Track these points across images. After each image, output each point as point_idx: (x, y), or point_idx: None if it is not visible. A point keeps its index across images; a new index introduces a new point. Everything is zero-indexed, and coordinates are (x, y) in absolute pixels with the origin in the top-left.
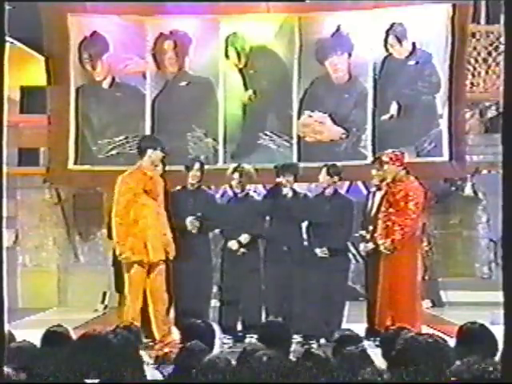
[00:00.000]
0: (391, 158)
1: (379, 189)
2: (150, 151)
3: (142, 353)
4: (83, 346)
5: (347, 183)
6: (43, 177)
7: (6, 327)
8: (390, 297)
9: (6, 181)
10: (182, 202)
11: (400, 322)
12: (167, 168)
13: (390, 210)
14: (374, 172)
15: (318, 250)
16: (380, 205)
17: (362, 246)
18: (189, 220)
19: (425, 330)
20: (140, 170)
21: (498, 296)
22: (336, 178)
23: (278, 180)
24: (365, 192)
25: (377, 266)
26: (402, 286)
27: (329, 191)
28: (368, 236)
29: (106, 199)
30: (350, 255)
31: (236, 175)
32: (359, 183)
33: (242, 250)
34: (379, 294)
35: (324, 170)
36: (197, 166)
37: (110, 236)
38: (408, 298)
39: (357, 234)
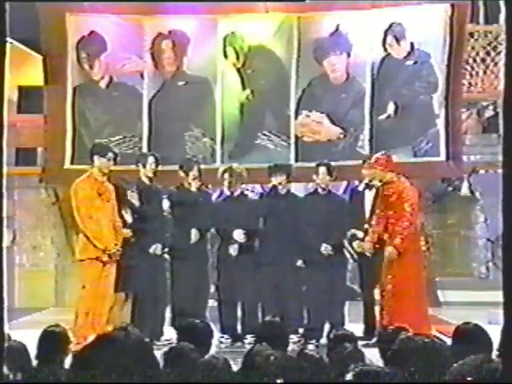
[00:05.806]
0: (376, 162)
1: (368, 187)
2: (95, 157)
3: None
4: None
5: (344, 183)
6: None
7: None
8: (395, 299)
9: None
10: (178, 202)
11: (405, 324)
12: (166, 168)
13: (390, 212)
14: (363, 172)
15: (322, 248)
16: (373, 206)
17: (355, 245)
18: (193, 232)
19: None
20: (92, 177)
21: (496, 296)
22: (332, 178)
23: (271, 180)
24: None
25: (373, 265)
26: (407, 287)
27: (323, 191)
28: (361, 235)
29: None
30: (348, 255)
31: (226, 176)
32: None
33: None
34: (383, 295)
35: (324, 170)
36: (195, 168)
37: None
38: (414, 299)
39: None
